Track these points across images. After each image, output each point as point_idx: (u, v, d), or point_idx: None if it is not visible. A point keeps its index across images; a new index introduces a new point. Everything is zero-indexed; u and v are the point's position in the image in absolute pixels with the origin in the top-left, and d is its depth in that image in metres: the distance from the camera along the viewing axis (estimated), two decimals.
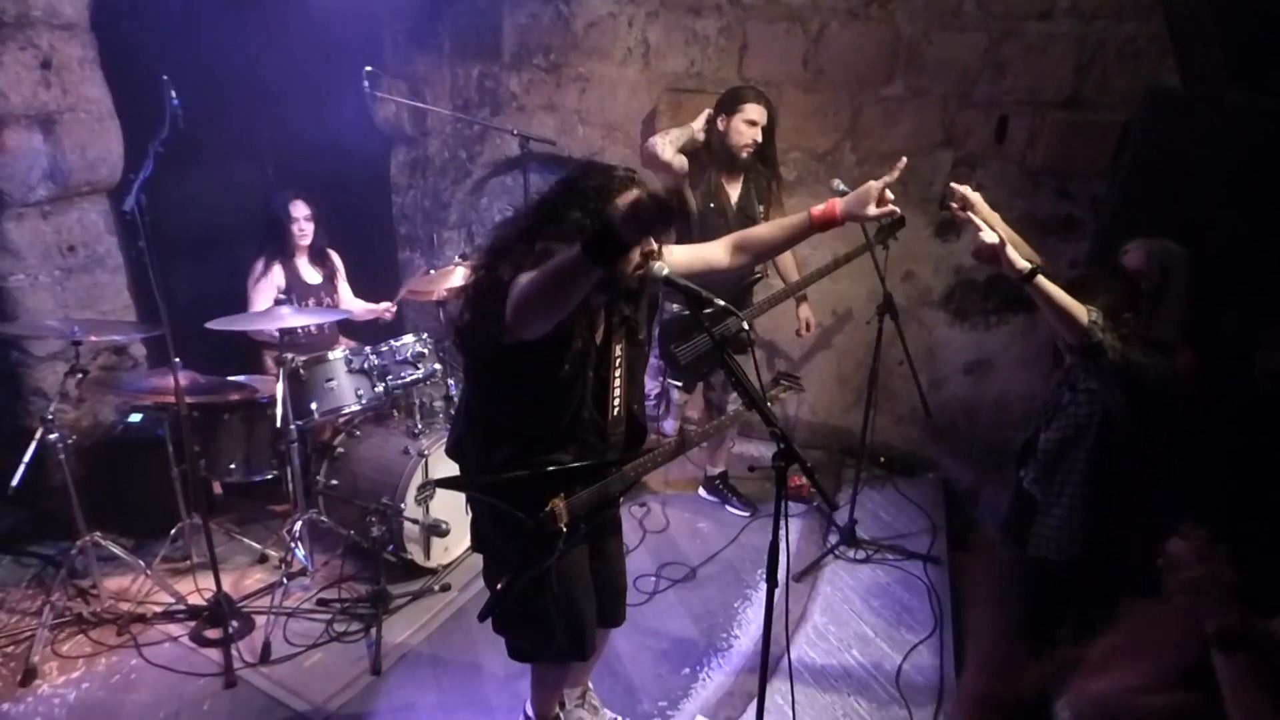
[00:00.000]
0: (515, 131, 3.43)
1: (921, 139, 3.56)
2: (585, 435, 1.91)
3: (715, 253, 2.12)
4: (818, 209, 2.05)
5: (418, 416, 3.14)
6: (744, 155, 3.10)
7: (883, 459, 3.99)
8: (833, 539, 3.40)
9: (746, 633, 2.91)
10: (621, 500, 2.07)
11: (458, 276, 3.29)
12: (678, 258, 2.00)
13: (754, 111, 3.04)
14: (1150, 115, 2.84)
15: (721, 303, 1.80)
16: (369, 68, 3.59)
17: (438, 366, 3.26)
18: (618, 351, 1.92)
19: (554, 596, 1.93)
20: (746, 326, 2.08)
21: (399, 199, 4.70)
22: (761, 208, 3.21)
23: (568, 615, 1.98)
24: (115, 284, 3.38)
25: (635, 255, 1.73)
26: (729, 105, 3.07)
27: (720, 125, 3.09)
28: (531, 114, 4.14)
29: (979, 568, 3.20)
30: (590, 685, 2.44)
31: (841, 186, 3.08)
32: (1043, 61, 3.30)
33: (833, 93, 3.65)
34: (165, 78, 2.41)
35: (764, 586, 1.73)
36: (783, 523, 1.69)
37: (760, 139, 3.09)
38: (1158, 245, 2.32)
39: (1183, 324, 2.25)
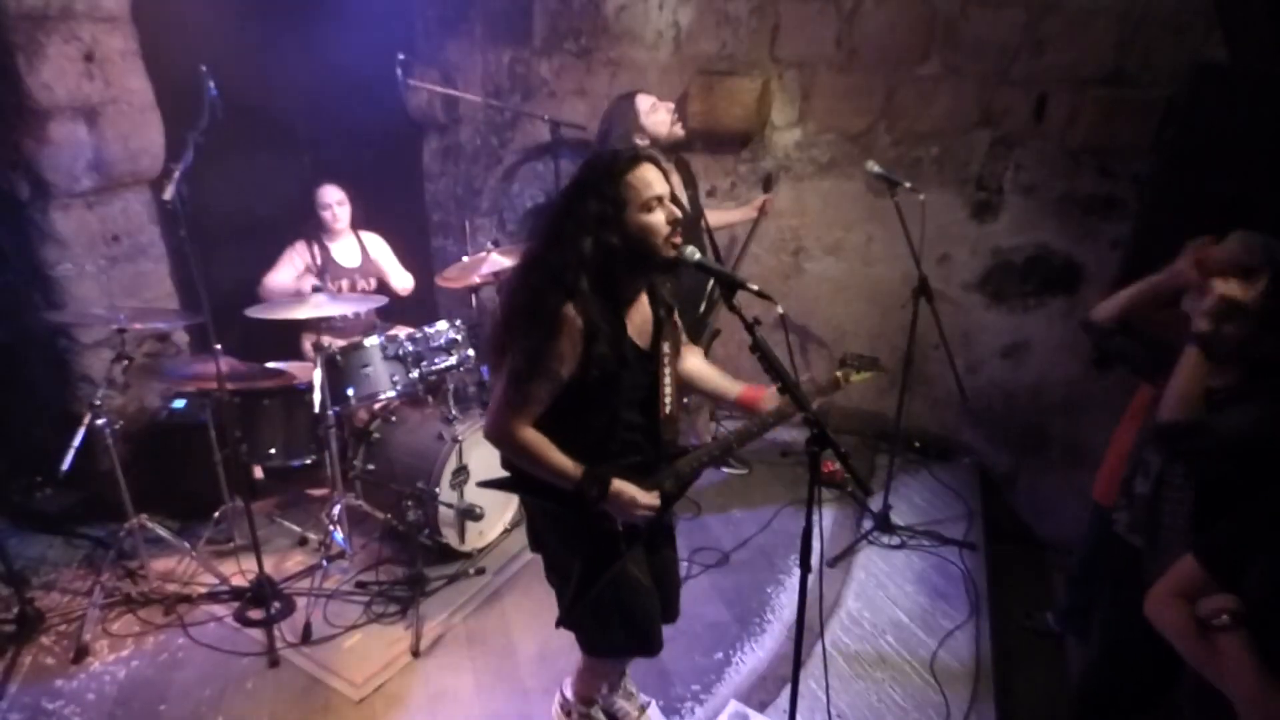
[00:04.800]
0: (546, 117, 3.43)
1: (958, 118, 3.49)
2: (629, 436, 1.88)
3: (692, 365, 2.12)
4: (748, 392, 2.04)
5: (451, 402, 3.17)
6: (677, 132, 3.04)
7: (917, 444, 3.95)
8: (867, 524, 3.37)
9: (780, 618, 2.91)
10: (676, 502, 2.01)
11: (490, 263, 3.32)
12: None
13: (647, 101, 2.99)
14: (1195, 90, 2.76)
15: (755, 287, 1.80)
16: (401, 55, 3.61)
17: (471, 353, 3.29)
18: (665, 349, 1.89)
19: (619, 597, 1.95)
20: (781, 310, 2.05)
21: (431, 186, 4.73)
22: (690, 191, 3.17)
23: (633, 615, 2.00)
24: (158, 272, 3.45)
25: (663, 222, 1.74)
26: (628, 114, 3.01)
27: (640, 140, 3.00)
28: (563, 99, 4.13)
29: None
30: (627, 671, 2.46)
31: (877, 169, 3.05)
32: (1084, 37, 3.21)
33: (867, 73, 3.59)
34: (204, 68, 2.45)
35: (797, 572, 1.73)
36: (816, 508, 1.69)
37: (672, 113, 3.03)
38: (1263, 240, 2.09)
39: None
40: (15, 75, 2.80)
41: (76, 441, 2.61)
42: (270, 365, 3.26)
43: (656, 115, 2.90)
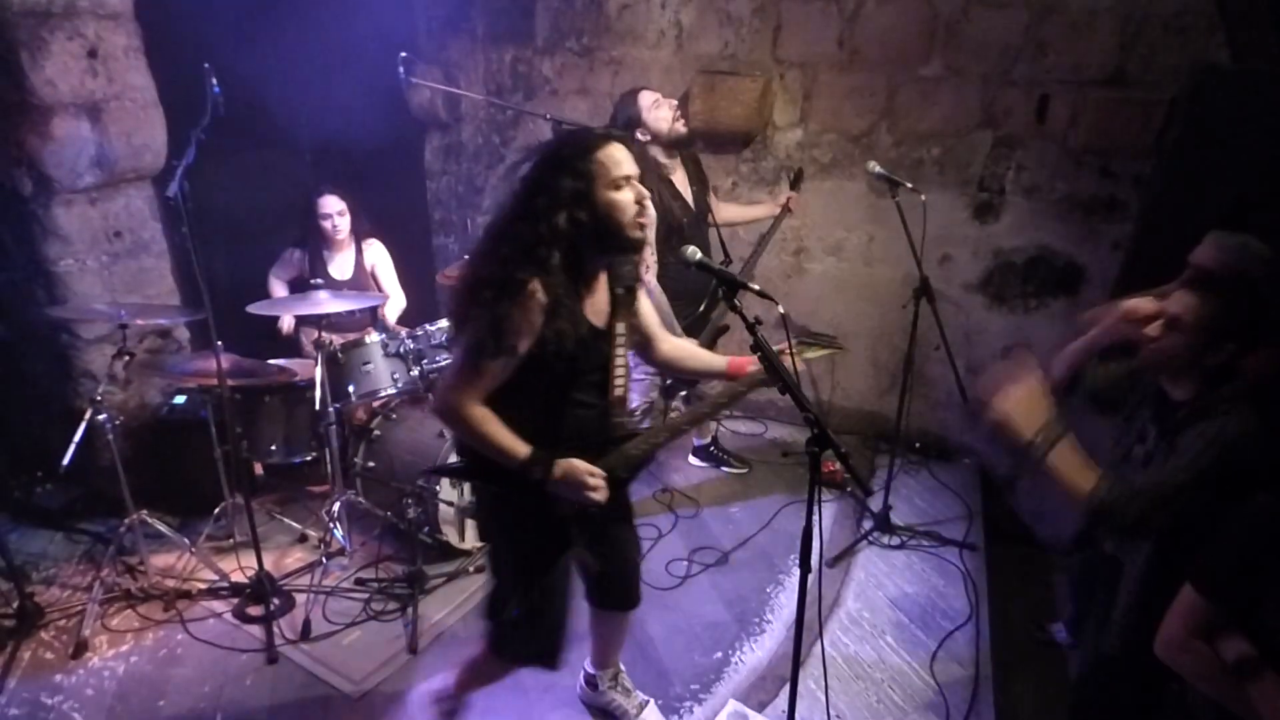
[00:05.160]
0: (548, 116, 3.42)
1: (960, 119, 3.50)
2: (581, 416, 1.86)
3: (660, 337, 2.11)
4: (736, 362, 2.05)
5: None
6: (679, 129, 3.00)
7: (918, 444, 3.95)
8: (867, 525, 3.37)
9: (779, 617, 2.91)
10: (628, 485, 2.00)
11: None
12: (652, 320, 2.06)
13: (650, 98, 2.96)
14: (1198, 92, 2.75)
15: (756, 287, 1.81)
16: (404, 54, 3.61)
17: None
18: (619, 330, 1.88)
19: (543, 605, 1.95)
20: (782, 310, 2.04)
21: (433, 184, 4.74)
22: (695, 188, 3.15)
23: (548, 628, 2.00)
24: (160, 269, 3.45)
25: (631, 202, 1.73)
26: (631, 110, 2.97)
27: (641, 136, 2.96)
28: (564, 98, 4.14)
29: None
30: (622, 667, 2.46)
31: (878, 169, 3.05)
32: (1086, 38, 3.21)
33: (868, 73, 3.59)
34: (206, 65, 2.45)
35: (796, 571, 1.73)
36: (816, 508, 1.69)
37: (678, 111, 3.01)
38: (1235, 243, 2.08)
39: None
40: (19, 71, 2.80)
41: (77, 437, 2.61)
42: (271, 362, 3.27)
43: (658, 111, 2.90)
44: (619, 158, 1.74)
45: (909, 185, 3.05)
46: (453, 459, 2.73)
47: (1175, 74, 3.06)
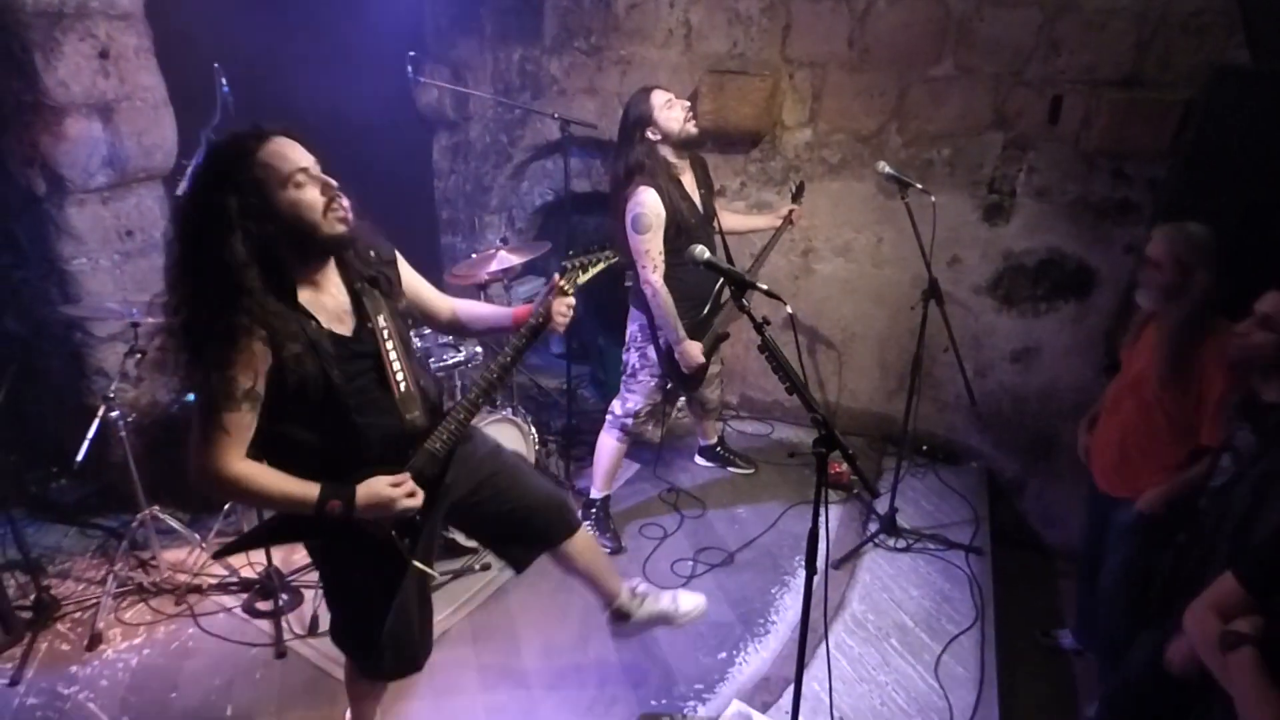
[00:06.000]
0: (556, 115, 3.43)
1: (971, 120, 3.47)
2: (371, 425, 1.71)
3: (439, 305, 2.02)
4: (520, 311, 1.97)
5: (458, 399, 3.18)
6: (690, 130, 2.93)
7: (925, 447, 3.94)
8: (873, 527, 3.37)
9: (784, 619, 2.91)
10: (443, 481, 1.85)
11: (499, 259, 3.34)
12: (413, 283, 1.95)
13: (662, 97, 2.91)
14: (1215, 93, 2.72)
15: (764, 287, 1.81)
16: (412, 53, 3.62)
17: (479, 349, 3.30)
18: (380, 323, 1.72)
19: (393, 625, 1.89)
20: (790, 311, 2.04)
21: (441, 184, 4.75)
22: (703, 190, 3.12)
23: (401, 640, 1.94)
24: None
25: (315, 196, 1.58)
26: (643, 108, 2.90)
27: (652, 135, 2.90)
28: (572, 97, 4.13)
29: None
30: (632, 584, 2.42)
31: (888, 170, 3.03)
32: (1101, 38, 3.17)
33: (879, 73, 3.56)
34: (216, 66, 2.47)
35: (802, 573, 1.74)
36: (822, 509, 1.69)
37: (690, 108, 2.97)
38: (1177, 233, 2.25)
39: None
40: (33, 72, 2.84)
41: (91, 433, 2.66)
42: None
43: (671, 111, 2.89)
44: (285, 153, 1.57)
45: (919, 186, 3.04)
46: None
47: (1192, 75, 3.02)
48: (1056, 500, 3.75)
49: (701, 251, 1.89)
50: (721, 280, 2.80)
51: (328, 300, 1.69)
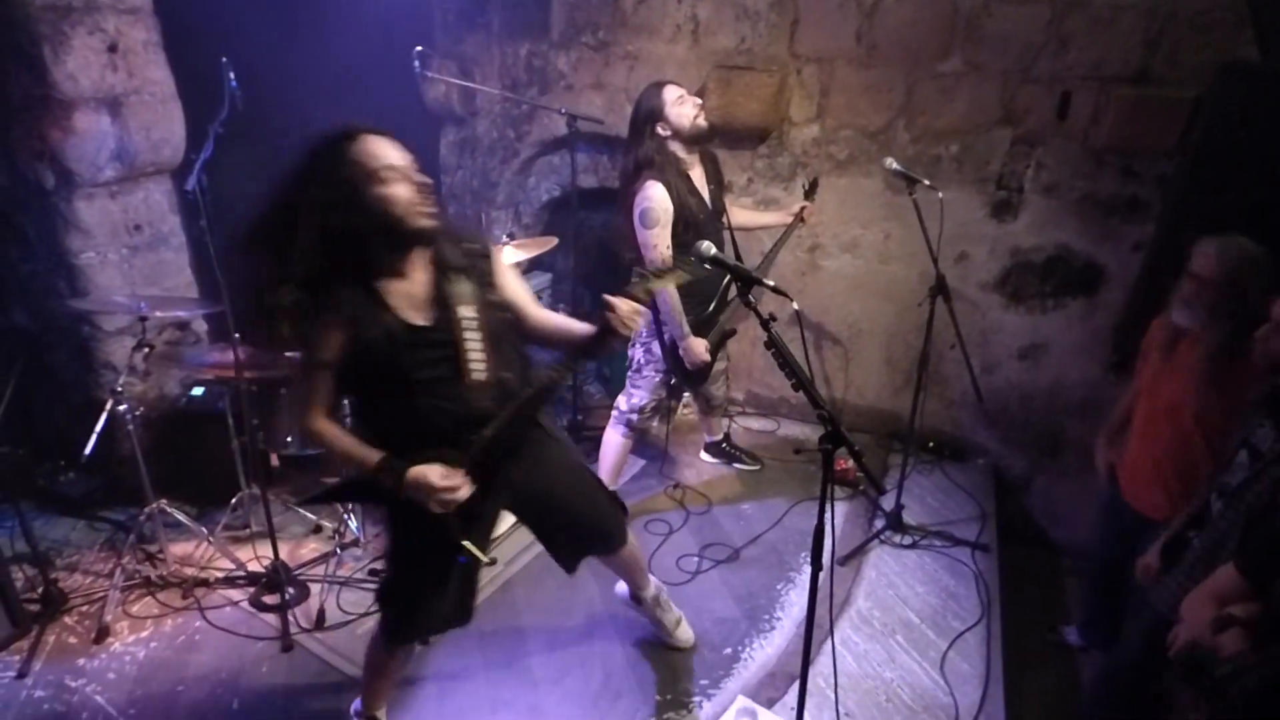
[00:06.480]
0: (563, 110, 3.42)
1: (979, 116, 3.45)
2: (438, 409, 1.82)
3: (529, 309, 2.05)
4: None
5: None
6: (700, 126, 2.92)
7: (931, 444, 3.93)
8: (879, 524, 3.36)
9: (789, 615, 2.91)
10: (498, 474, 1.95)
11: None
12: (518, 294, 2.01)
13: (675, 92, 2.90)
14: (1224, 90, 2.70)
15: (771, 283, 1.81)
16: (419, 48, 3.62)
17: None
18: (461, 314, 1.81)
19: (423, 591, 2.02)
20: (796, 307, 2.03)
21: (448, 179, 4.75)
22: (712, 186, 3.10)
23: (427, 610, 2.06)
24: (178, 261, 3.49)
25: (403, 192, 1.70)
26: (655, 102, 2.89)
27: (662, 130, 2.90)
28: (579, 93, 4.13)
29: None
30: (660, 586, 2.65)
31: (895, 166, 3.03)
32: (1109, 34, 3.16)
33: (886, 68, 3.55)
34: (224, 60, 2.47)
35: (807, 569, 1.73)
36: (828, 506, 1.69)
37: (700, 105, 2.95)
38: (1230, 249, 2.11)
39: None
40: (42, 66, 2.84)
41: (99, 427, 2.67)
42: (288, 354, 3.29)
43: (682, 107, 2.88)
44: (374, 150, 1.70)
45: (926, 182, 3.03)
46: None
47: (1201, 71, 3.00)
48: (1063, 497, 3.74)
49: (708, 248, 1.88)
50: (728, 277, 2.79)
51: (410, 289, 1.80)
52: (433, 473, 1.77)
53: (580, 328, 2.01)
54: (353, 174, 1.67)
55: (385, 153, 1.71)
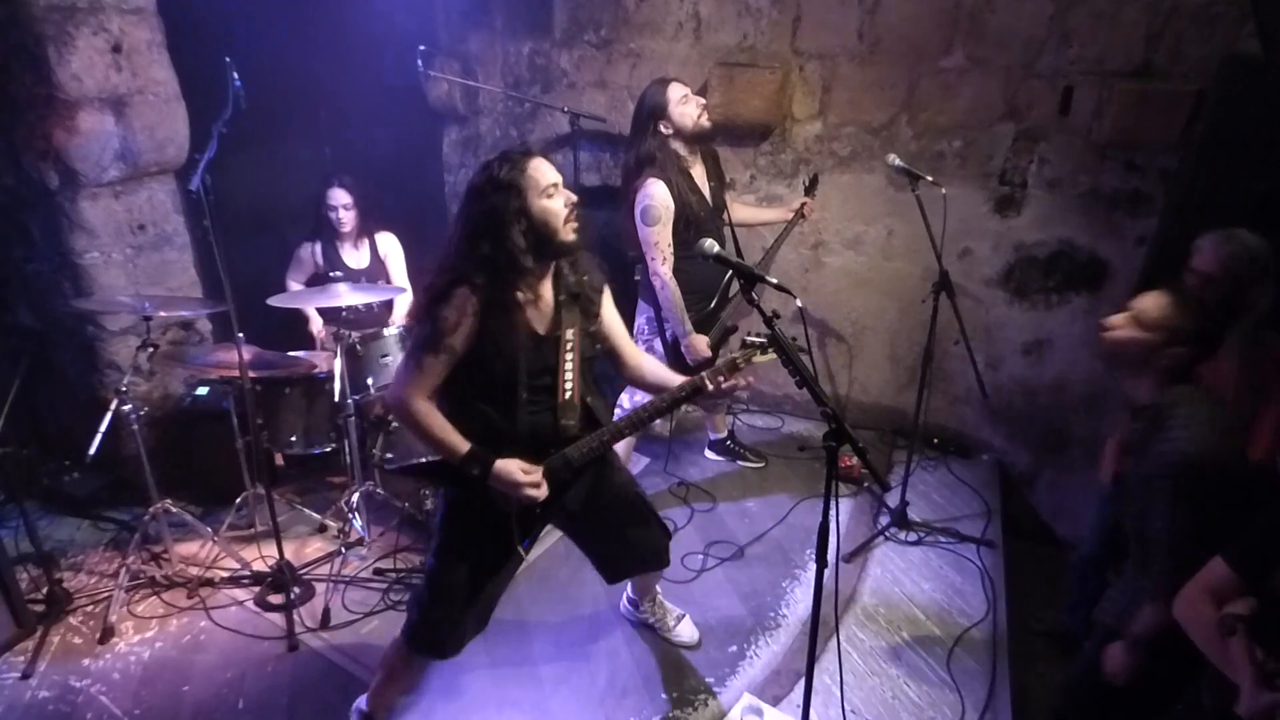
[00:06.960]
0: (566, 109, 3.42)
1: (982, 111, 3.45)
2: (530, 418, 1.96)
3: (627, 349, 2.19)
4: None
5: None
6: (703, 125, 2.93)
7: (936, 440, 3.92)
8: (883, 520, 3.36)
9: (794, 612, 2.91)
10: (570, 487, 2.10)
11: None
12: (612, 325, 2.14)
13: (679, 91, 2.90)
14: (1226, 84, 2.70)
15: (774, 281, 1.81)
16: (422, 47, 3.63)
17: None
18: (569, 335, 1.97)
19: (462, 595, 2.05)
20: (800, 304, 2.03)
21: (451, 178, 4.75)
22: (713, 183, 3.10)
23: (461, 616, 2.08)
24: (182, 261, 3.49)
25: (561, 207, 1.87)
26: (659, 100, 2.90)
27: (664, 129, 2.91)
28: (582, 91, 4.13)
29: None
30: (659, 590, 2.74)
31: (898, 162, 3.02)
32: (1112, 29, 3.15)
33: (889, 65, 3.55)
34: (228, 59, 2.47)
35: (812, 566, 1.73)
36: (833, 503, 1.68)
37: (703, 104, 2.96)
38: (1229, 243, 2.10)
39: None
40: (46, 66, 2.84)
41: (103, 427, 2.66)
42: (291, 354, 3.30)
43: (686, 107, 2.88)
44: (544, 170, 1.87)
45: (929, 178, 3.02)
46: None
47: (1204, 65, 2.99)
48: (1068, 493, 3.74)
49: (711, 245, 1.89)
50: (730, 274, 2.79)
51: (539, 301, 1.94)
52: (516, 466, 1.90)
53: (673, 376, 2.13)
54: (528, 185, 1.84)
55: (551, 172, 1.88)
